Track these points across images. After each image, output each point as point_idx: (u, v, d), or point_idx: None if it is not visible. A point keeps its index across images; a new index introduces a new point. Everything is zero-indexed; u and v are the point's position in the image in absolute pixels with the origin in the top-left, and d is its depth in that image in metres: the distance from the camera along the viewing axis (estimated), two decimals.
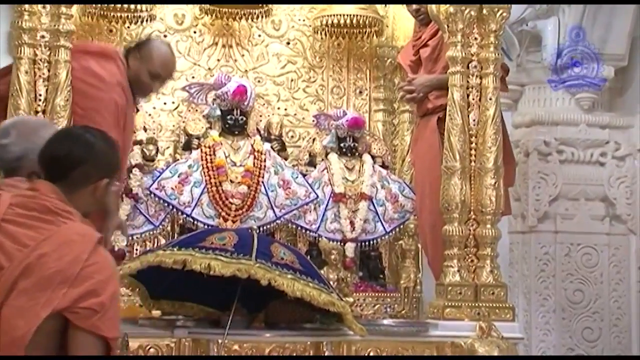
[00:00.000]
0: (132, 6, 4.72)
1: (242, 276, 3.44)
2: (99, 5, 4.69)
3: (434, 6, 4.27)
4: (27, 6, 3.80)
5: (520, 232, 5.47)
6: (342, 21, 4.90)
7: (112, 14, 4.78)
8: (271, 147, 4.76)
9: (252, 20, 4.96)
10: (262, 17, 4.93)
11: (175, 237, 4.42)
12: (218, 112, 4.67)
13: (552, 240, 5.41)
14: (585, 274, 5.40)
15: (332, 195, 4.76)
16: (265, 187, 4.65)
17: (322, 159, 4.86)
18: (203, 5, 4.88)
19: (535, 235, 5.42)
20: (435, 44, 4.47)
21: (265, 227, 4.62)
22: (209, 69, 4.98)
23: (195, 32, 4.99)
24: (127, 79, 3.82)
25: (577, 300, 5.40)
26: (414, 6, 4.64)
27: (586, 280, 5.42)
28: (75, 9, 4.04)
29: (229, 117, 4.67)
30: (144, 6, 4.75)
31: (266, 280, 3.43)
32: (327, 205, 4.76)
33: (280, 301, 3.71)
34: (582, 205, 5.46)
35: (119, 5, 4.69)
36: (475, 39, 4.22)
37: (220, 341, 3.62)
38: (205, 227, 4.54)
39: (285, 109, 5.07)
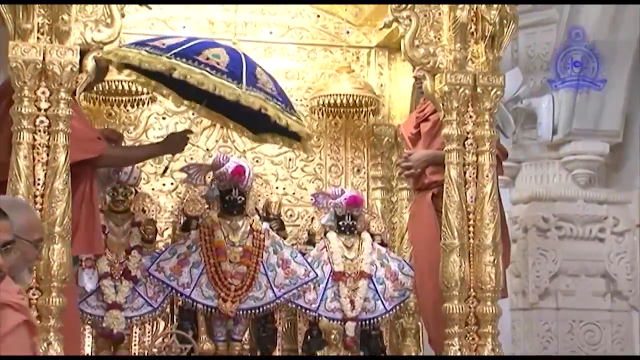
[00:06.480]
0: (134, 89, 4.79)
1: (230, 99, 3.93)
2: (101, 90, 4.76)
3: (429, 85, 4.32)
4: (27, 92, 3.83)
5: (521, 309, 5.43)
6: (338, 101, 4.97)
7: (113, 98, 4.84)
8: (270, 226, 4.76)
9: None
10: None
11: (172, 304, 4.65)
12: (217, 193, 4.68)
13: (554, 317, 5.37)
14: (589, 352, 5.34)
15: (331, 273, 4.74)
16: (264, 267, 4.64)
17: (321, 238, 4.86)
18: None
19: (537, 312, 5.38)
20: (436, 119, 4.47)
21: (264, 307, 4.60)
22: (207, 149, 5.02)
23: (193, 114, 5.02)
24: None
25: None
26: (415, 75, 4.68)
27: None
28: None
29: (227, 197, 4.67)
30: (145, 89, 4.81)
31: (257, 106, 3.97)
32: (326, 284, 4.73)
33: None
34: (583, 281, 5.43)
35: (121, 89, 4.75)
36: (471, 117, 4.26)
37: None
38: (205, 308, 4.53)
39: (284, 188, 5.10)
